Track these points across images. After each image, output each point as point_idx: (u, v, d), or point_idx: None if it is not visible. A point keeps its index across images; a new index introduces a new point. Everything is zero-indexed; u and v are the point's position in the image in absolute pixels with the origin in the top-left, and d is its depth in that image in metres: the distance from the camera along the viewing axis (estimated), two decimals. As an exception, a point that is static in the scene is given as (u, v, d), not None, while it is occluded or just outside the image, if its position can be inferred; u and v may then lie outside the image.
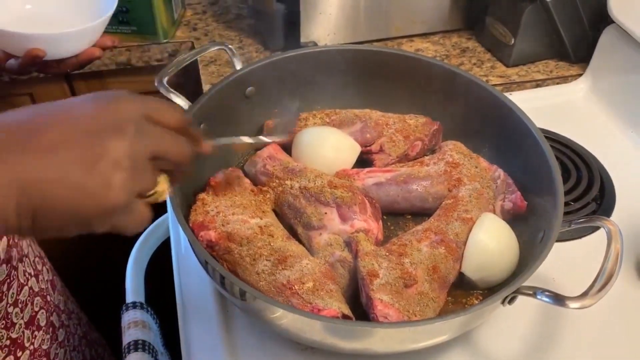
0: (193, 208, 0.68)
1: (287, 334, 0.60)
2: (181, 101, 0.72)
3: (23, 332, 0.69)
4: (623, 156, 0.90)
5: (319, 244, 0.67)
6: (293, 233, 0.70)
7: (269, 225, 0.68)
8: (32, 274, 0.74)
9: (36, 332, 0.72)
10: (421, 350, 0.61)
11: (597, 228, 0.75)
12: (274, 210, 0.72)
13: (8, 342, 0.67)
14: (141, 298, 0.78)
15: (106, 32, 0.77)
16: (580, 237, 0.77)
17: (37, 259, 0.78)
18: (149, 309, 0.78)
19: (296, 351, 0.64)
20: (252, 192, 0.72)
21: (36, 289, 0.74)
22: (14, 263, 0.69)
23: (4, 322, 0.66)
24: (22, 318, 0.69)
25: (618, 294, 0.63)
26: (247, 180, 0.73)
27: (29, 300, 0.71)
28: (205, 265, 0.59)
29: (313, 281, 0.61)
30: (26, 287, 0.71)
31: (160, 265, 0.85)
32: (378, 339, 0.55)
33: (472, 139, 0.78)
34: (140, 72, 1.08)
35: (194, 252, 0.61)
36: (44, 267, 0.80)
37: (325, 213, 0.68)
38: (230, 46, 0.80)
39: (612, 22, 0.94)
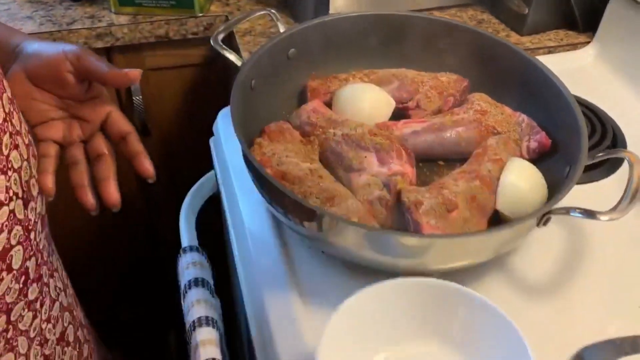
0: (251, 150, 0.74)
1: (353, 256, 0.66)
2: (234, 58, 0.79)
3: (54, 348, 0.69)
4: (633, 114, 0.96)
5: (359, 184, 0.73)
6: (335, 177, 0.75)
7: (319, 169, 0.74)
8: (62, 288, 0.73)
9: (65, 348, 0.72)
10: (462, 271, 0.67)
11: (613, 171, 0.83)
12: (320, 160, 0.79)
13: (42, 359, 0.67)
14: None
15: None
16: (597, 180, 0.84)
17: (63, 272, 0.77)
18: (204, 253, 0.83)
19: (352, 274, 0.69)
20: (302, 142, 0.78)
21: (65, 304, 0.73)
22: (45, 280, 0.67)
23: (39, 339, 0.65)
24: (54, 334, 0.69)
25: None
26: (296, 132, 0.80)
27: (59, 316, 0.70)
28: (268, 194, 0.65)
29: (358, 218, 0.67)
30: (57, 303, 0.70)
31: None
32: (432, 252, 0.62)
33: (498, 94, 0.85)
34: (176, 46, 1.15)
35: (256, 184, 0.68)
36: (68, 281, 0.78)
37: (365, 157, 0.74)
38: (273, 11, 0.86)
39: (619, -8, 1.02)
